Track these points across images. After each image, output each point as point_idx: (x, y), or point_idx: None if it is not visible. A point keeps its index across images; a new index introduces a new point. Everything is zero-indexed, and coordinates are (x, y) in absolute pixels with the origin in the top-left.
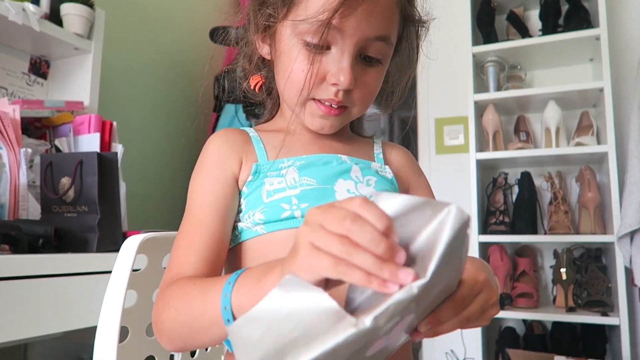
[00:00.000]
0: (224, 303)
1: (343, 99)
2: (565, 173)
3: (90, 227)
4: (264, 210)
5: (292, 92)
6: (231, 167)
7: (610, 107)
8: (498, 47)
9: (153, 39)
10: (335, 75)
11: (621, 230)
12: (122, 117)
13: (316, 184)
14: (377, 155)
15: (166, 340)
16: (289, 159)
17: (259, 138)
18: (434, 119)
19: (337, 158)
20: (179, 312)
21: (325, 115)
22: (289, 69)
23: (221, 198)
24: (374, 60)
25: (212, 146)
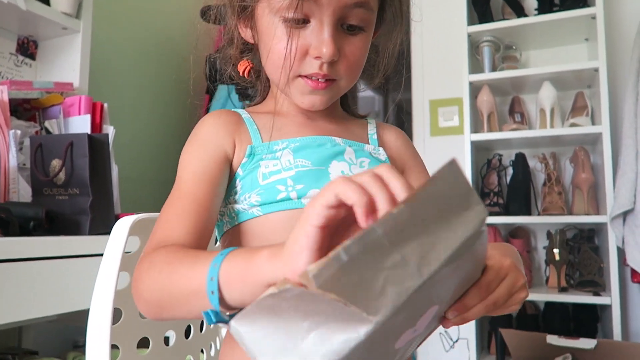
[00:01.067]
0: (212, 273)
1: (328, 71)
2: (559, 154)
3: (82, 210)
4: (260, 192)
5: (277, 70)
6: (223, 145)
7: (605, 88)
8: (493, 27)
9: (144, 18)
10: (317, 48)
11: (614, 211)
12: (113, 99)
13: (311, 165)
14: (370, 136)
15: (143, 303)
16: (284, 140)
17: (252, 120)
18: (429, 100)
19: (331, 140)
20: (161, 274)
21: (314, 90)
22: (271, 48)
23: (211, 170)
24: (356, 29)
25: (205, 123)
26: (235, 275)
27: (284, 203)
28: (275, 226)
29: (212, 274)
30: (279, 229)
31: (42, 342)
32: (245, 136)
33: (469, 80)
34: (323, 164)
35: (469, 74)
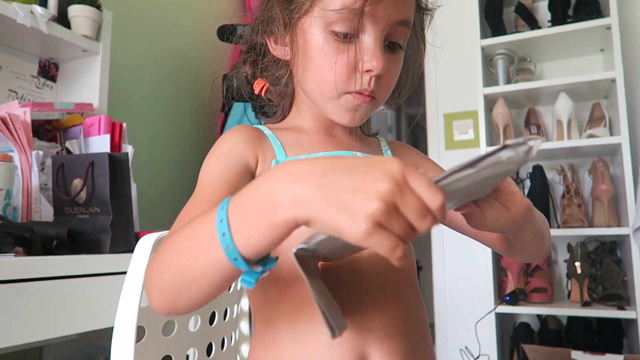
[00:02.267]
0: (225, 243)
1: (374, 87)
2: (577, 166)
3: (103, 228)
4: None
5: (325, 86)
6: (245, 157)
7: (623, 98)
8: (507, 40)
9: (160, 39)
10: (368, 62)
11: (637, 222)
12: (131, 118)
13: None
14: (385, 152)
15: (157, 295)
16: (307, 155)
17: (275, 135)
18: (443, 114)
19: (352, 154)
20: (170, 256)
21: (359, 105)
22: (318, 63)
23: (231, 177)
24: (396, 46)
25: (228, 137)
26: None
27: None
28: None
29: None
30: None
31: None
32: (269, 151)
33: (484, 93)
34: None
35: (484, 87)
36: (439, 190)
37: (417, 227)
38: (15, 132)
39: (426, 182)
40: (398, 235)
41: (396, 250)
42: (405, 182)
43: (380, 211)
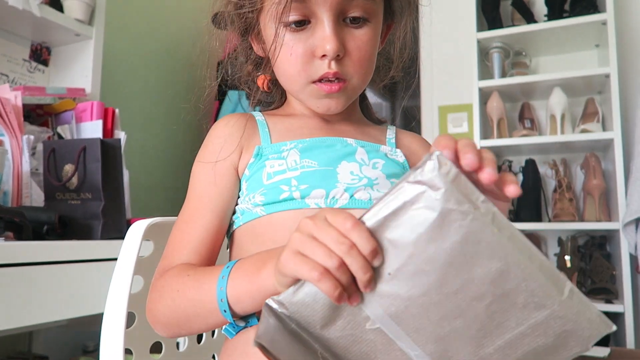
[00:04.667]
0: (220, 296)
1: (338, 69)
2: (570, 160)
3: (95, 214)
4: (263, 192)
5: (288, 79)
6: (231, 157)
7: (617, 94)
8: (503, 33)
9: (155, 25)
10: (320, 47)
11: (626, 217)
12: (124, 105)
13: (318, 166)
14: (389, 139)
15: (161, 327)
16: (292, 141)
17: (265, 122)
18: (438, 106)
19: (342, 141)
20: (175, 302)
21: (329, 94)
22: (278, 57)
23: (221, 191)
24: (360, 20)
25: (214, 133)
26: (243, 292)
27: (287, 203)
28: (279, 226)
29: (221, 296)
30: (282, 229)
31: (52, 347)
32: (254, 138)
33: (479, 87)
34: (331, 165)
35: (479, 80)
36: (350, 217)
37: (335, 251)
38: (6, 116)
39: (341, 214)
40: (318, 261)
41: (312, 272)
42: (322, 219)
43: (297, 240)
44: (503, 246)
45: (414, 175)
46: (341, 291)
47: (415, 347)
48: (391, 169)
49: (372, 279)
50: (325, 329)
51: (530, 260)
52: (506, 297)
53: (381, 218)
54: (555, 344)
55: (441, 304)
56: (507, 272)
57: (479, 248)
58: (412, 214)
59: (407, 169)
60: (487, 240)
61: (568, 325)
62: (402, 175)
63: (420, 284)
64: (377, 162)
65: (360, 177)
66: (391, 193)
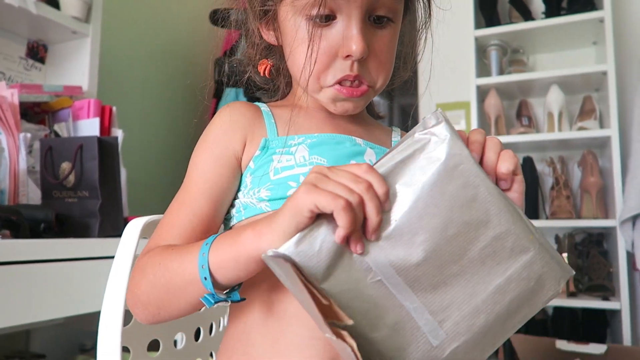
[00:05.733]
0: (202, 262)
1: (360, 71)
2: (567, 158)
3: (92, 212)
4: (270, 187)
5: (305, 78)
6: (234, 145)
7: (614, 91)
8: (500, 31)
9: (152, 22)
10: (345, 46)
11: (623, 215)
12: (122, 103)
13: (327, 163)
14: (394, 143)
15: (140, 308)
16: (300, 135)
17: (271, 113)
18: (436, 104)
19: (351, 140)
20: (156, 276)
21: (349, 98)
22: (296, 51)
23: (218, 179)
24: (384, 20)
25: (217, 120)
26: (225, 258)
27: None
28: None
29: (202, 262)
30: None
31: (49, 346)
32: (260, 129)
33: (476, 84)
34: (340, 163)
35: (476, 78)
36: (364, 163)
37: (355, 189)
38: (3, 114)
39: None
40: (332, 192)
41: (338, 200)
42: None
43: (315, 178)
44: (497, 191)
45: (421, 127)
46: (356, 228)
47: (414, 298)
48: None
49: (380, 225)
50: (326, 282)
51: (513, 206)
52: (498, 240)
53: (393, 164)
54: (535, 289)
55: (441, 249)
56: (500, 216)
57: (477, 192)
58: (422, 158)
59: None
60: (485, 185)
61: (545, 267)
62: (407, 133)
63: (424, 228)
64: None
65: None
66: (400, 144)
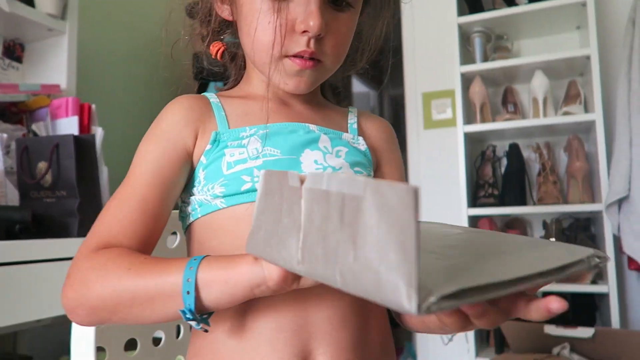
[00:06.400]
0: (188, 275)
1: (315, 48)
2: (553, 143)
3: (70, 212)
4: (223, 183)
5: (262, 50)
6: (184, 138)
7: (597, 75)
8: (484, 17)
9: (131, 18)
10: (304, 22)
11: (609, 198)
12: (103, 100)
13: (280, 154)
14: (350, 125)
15: (85, 310)
16: (252, 127)
17: (220, 104)
18: (422, 93)
19: (305, 127)
20: (120, 280)
21: (301, 71)
22: (254, 25)
23: (166, 170)
24: (344, 4)
25: (167, 113)
26: (216, 277)
27: (250, 194)
28: (240, 219)
29: (189, 276)
30: (244, 222)
31: (36, 348)
32: (210, 123)
33: (461, 72)
34: (294, 153)
35: (461, 65)
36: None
37: None
38: None
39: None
40: None
41: None
42: None
43: None
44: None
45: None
46: None
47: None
48: (354, 158)
49: None
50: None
51: None
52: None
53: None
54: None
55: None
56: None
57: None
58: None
59: (368, 157)
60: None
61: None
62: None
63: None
64: (340, 150)
65: (324, 166)
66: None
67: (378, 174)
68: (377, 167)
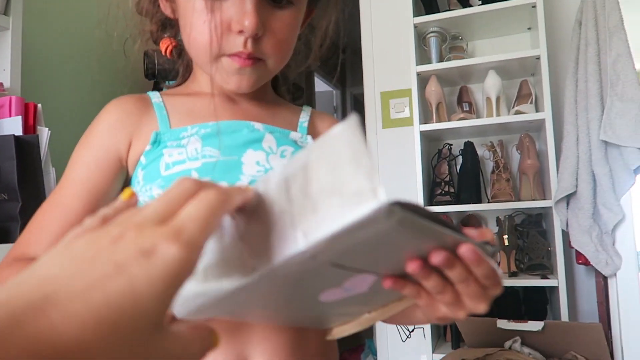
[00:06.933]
0: None
1: (254, 49)
2: (506, 142)
3: (11, 216)
4: (161, 185)
5: (199, 49)
6: (117, 146)
7: (547, 75)
8: (439, 17)
9: (79, 14)
10: (239, 21)
11: (558, 195)
12: (49, 100)
13: (220, 155)
14: (301, 124)
15: None
16: (193, 126)
17: (162, 104)
18: (380, 92)
19: (249, 125)
20: None
21: (241, 69)
22: (190, 23)
23: (97, 180)
24: (284, 2)
25: (101, 117)
26: None
27: None
28: None
29: None
30: None
31: None
32: (150, 123)
33: (417, 72)
34: (235, 154)
35: (417, 65)
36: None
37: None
38: None
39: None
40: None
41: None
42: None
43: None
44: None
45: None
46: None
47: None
48: None
49: None
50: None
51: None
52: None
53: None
54: None
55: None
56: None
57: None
58: None
59: None
60: None
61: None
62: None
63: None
64: (285, 149)
65: (266, 168)
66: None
67: None
68: None
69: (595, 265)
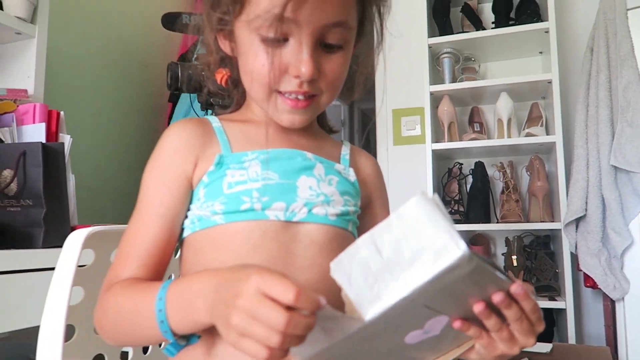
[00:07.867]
0: (160, 317)
1: (309, 88)
2: (516, 163)
3: (36, 222)
4: (223, 201)
5: (257, 89)
6: (184, 167)
7: (558, 99)
8: (453, 39)
9: (103, 24)
10: (296, 68)
11: (567, 217)
12: (71, 107)
13: (278, 178)
14: (343, 156)
15: (110, 340)
16: (253, 152)
17: (223, 129)
18: (392, 110)
19: (302, 154)
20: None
21: (293, 110)
22: (250, 67)
23: (170, 202)
24: (335, 47)
25: (167, 140)
26: (181, 322)
27: (248, 213)
28: (236, 235)
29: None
30: (239, 239)
31: None
32: (213, 146)
33: (430, 91)
34: (291, 178)
35: (430, 85)
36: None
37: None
38: None
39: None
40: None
41: (259, 354)
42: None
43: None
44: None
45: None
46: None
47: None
48: (344, 187)
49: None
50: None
51: None
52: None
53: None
54: None
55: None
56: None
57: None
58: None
59: (357, 188)
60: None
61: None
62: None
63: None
64: (332, 178)
65: (318, 193)
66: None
67: (369, 209)
68: (368, 202)
69: (604, 288)
